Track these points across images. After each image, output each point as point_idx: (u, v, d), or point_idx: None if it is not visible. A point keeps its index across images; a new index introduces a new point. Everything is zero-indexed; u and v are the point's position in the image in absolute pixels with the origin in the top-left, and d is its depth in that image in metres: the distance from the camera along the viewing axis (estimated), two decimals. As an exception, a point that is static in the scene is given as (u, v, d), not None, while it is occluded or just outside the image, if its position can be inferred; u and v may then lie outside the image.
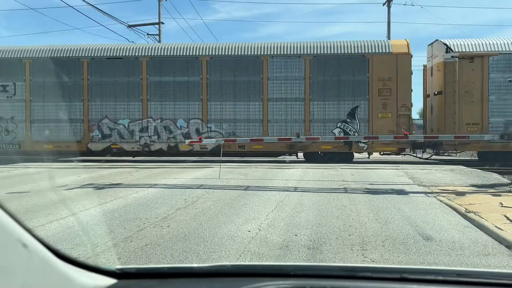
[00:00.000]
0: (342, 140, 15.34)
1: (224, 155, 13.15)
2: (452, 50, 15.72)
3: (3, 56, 17.23)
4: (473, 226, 5.63)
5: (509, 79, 15.23)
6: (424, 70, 18.07)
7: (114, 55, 16.83)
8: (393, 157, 18.37)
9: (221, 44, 16.87)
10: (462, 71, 15.62)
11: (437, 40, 16.72)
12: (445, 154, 17.98)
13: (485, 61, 15.54)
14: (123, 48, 17.07)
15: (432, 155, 18.33)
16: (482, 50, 15.72)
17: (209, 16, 79.46)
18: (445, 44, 15.95)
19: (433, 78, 16.96)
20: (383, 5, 29.16)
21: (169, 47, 16.86)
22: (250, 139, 14.28)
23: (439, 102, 16.34)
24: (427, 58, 17.83)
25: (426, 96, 17.79)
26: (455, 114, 15.65)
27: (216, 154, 14.91)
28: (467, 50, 15.75)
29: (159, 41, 28.87)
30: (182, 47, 16.74)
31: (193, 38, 72.62)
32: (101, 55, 16.85)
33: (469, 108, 15.60)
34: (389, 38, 26.97)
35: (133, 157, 17.57)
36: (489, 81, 15.55)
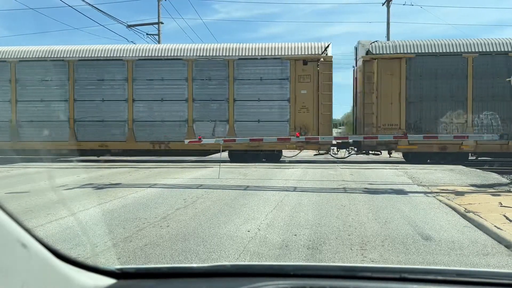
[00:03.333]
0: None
1: None
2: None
3: None
4: (472, 225, 5.63)
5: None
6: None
7: None
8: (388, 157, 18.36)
9: None
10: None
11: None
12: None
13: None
14: None
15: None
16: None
17: (209, 16, 79.55)
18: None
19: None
20: (383, 5, 29.15)
21: None
22: (250, 139, 14.26)
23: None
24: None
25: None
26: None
27: None
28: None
29: (159, 42, 28.45)
30: None
31: (193, 39, 72.55)
32: None
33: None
34: (388, 38, 26.99)
35: None
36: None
